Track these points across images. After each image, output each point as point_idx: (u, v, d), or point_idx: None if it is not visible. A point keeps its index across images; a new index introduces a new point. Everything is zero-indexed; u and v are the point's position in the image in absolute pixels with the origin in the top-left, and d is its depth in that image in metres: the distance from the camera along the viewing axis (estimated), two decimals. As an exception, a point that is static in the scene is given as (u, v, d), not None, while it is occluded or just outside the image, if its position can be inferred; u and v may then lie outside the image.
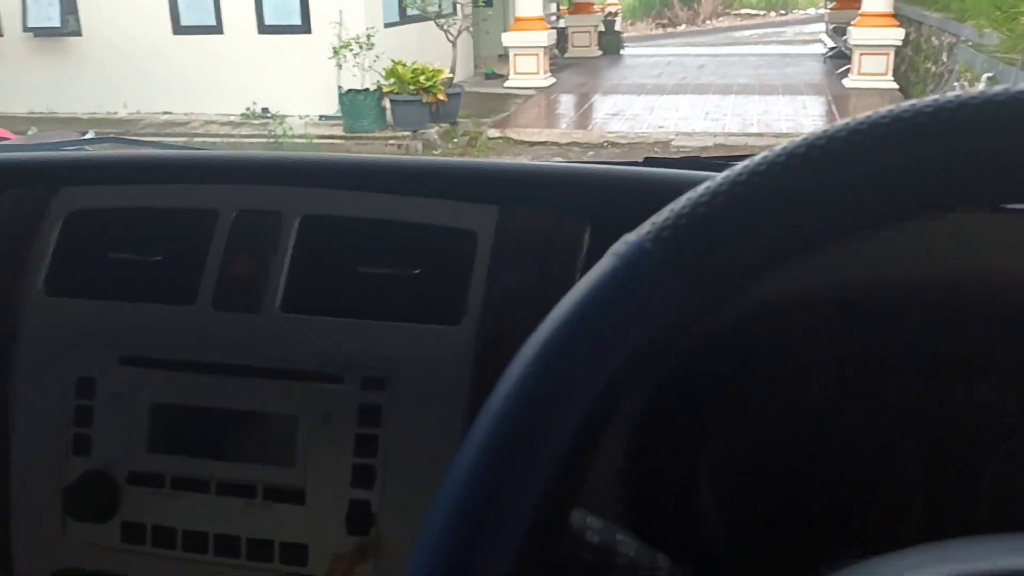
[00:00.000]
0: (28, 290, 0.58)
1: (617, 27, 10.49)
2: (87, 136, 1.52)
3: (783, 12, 18.22)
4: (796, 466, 0.59)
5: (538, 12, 7.78)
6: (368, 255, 0.55)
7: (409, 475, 0.51)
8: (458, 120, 6.40)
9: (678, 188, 0.26)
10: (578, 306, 0.32)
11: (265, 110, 6.65)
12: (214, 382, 0.54)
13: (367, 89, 6.17)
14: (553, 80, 7.99)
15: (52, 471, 0.56)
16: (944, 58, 6.32)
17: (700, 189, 0.25)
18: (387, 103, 6.21)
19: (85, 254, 0.59)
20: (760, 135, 5.86)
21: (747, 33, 15.14)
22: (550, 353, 0.31)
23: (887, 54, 6.99)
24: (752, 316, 0.53)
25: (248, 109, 6.77)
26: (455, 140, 6.25)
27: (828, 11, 10.53)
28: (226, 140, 6.25)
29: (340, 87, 6.31)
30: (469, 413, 0.51)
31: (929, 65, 6.84)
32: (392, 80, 6.08)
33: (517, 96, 7.44)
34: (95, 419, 0.56)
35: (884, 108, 0.23)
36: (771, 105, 6.77)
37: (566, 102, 7.45)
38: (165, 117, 7.00)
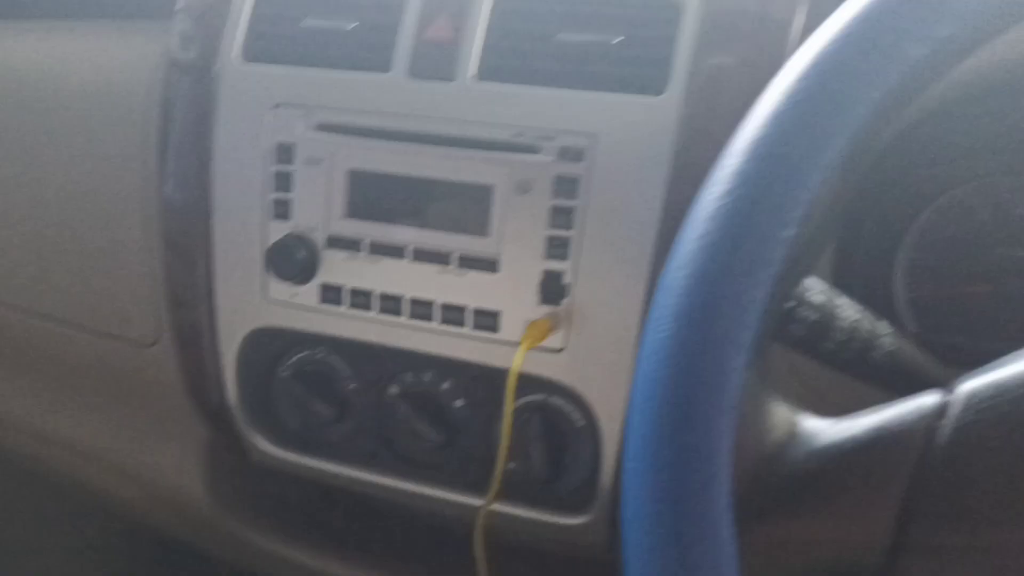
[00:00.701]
0: (225, 56, 0.59)
1: None
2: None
3: None
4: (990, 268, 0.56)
5: None
6: (568, 22, 0.53)
7: (604, 247, 0.51)
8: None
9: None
10: (858, 11, 0.30)
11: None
12: (409, 150, 0.55)
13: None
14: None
15: (254, 234, 0.59)
16: None
17: None
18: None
19: (281, 20, 0.59)
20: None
21: None
22: (819, 70, 0.29)
23: None
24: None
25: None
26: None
27: None
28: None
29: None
30: (670, 186, 0.50)
31: None
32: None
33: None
34: (294, 184, 0.57)
35: None
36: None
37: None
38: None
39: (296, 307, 0.59)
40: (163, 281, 0.64)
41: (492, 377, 0.56)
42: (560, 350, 0.53)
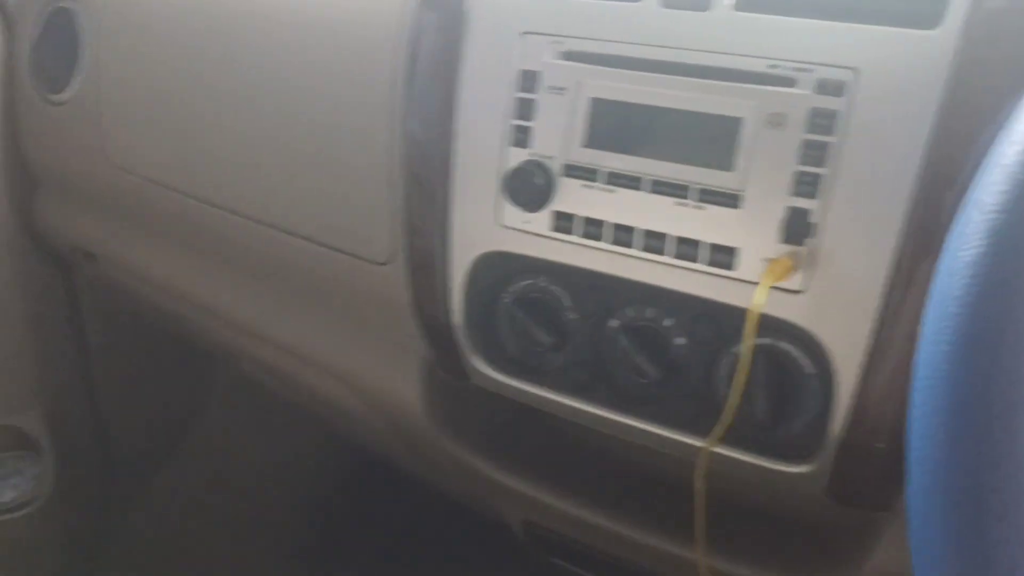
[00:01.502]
0: None
1: None
2: None
3: None
4: None
5: None
6: None
7: (858, 188, 0.49)
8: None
9: None
10: None
11: None
12: (657, 80, 0.54)
13: None
14: None
15: (492, 161, 0.60)
16: None
17: None
18: None
19: None
20: None
21: None
22: None
23: None
24: None
25: None
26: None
27: None
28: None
29: None
30: (936, 126, 0.47)
31: None
32: None
33: None
34: (536, 112, 0.58)
35: None
36: None
37: None
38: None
39: (527, 233, 0.60)
40: (401, 209, 0.66)
41: (718, 315, 0.55)
42: (799, 292, 0.51)
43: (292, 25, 0.72)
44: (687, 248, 0.54)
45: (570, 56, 0.57)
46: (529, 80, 0.58)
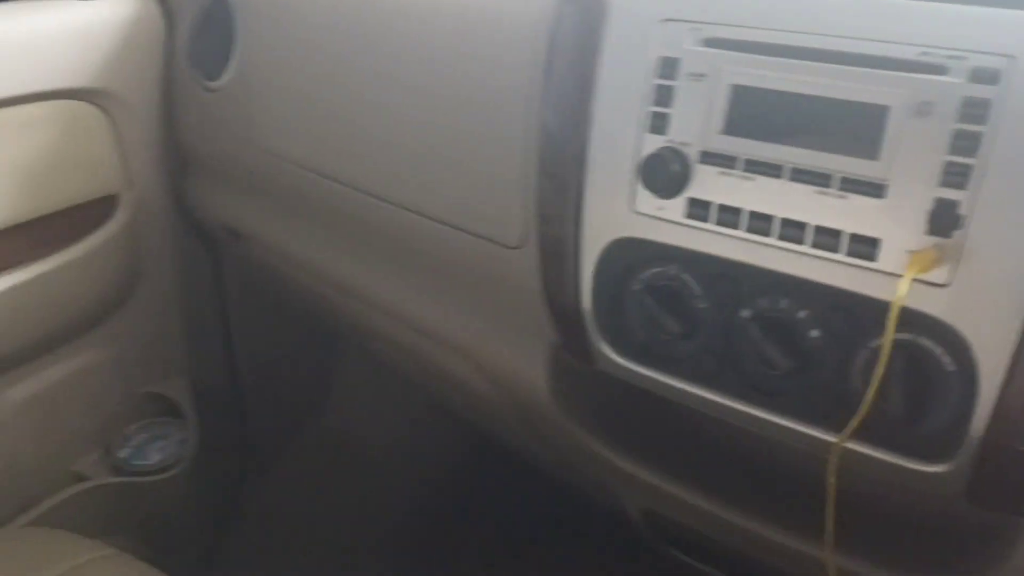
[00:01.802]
0: None
1: None
2: None
3: None
4: None
5: None
6: None
7: (1010, 179, 0.47)
8: None
9: None
10: None
11: None
12: (800, 67, 0.54)
13: None
14: None
15: (628, 147, 0.61)
16: None
17: None
18: None
19: None
20: None
21: None
22: None
23: None
24: None
25: None
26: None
27: None
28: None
29: None
30: None
31: None
32: None
33: None
34: (674, 98, 0.58)
35: None
36: None
37: None
38: None
39: (661, 220, 0.60)
40: (533, 196, 0.68)
41: (856, 307, 0.54)
42: (943, 285, 0.50)
43: (434, 16, 0.75)
44: (826, 238, 0.54)
45: (711, 43, 0.57)
46: (668, 67, 0.58)
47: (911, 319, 0.51)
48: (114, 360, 1.15)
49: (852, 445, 0.56)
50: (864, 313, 0.54)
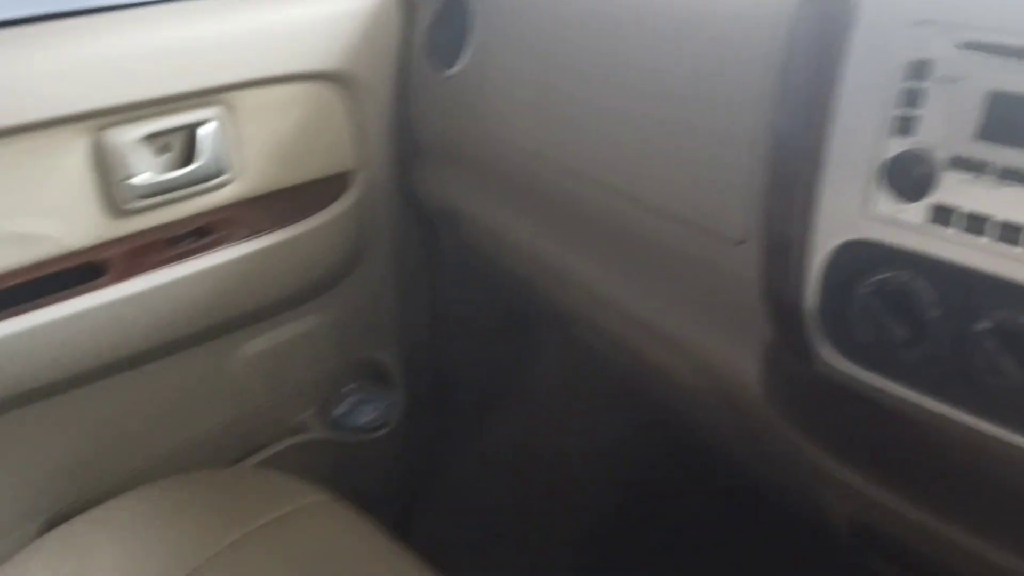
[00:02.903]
0: None
1: None
2: None
3: None
4: None
5: None
6: None
7: None
8: None
9: None
10: None
11: None
12: None
13: None
14: None
15: (868, 149, 0.60)
16: None
17: None
18: None
19: None
20: None
21: None
22: None
23: None
24: None
25: None
26: None
27: None
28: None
29: None
30: None
31: None
32: None
33: None
34: (924, 101, 0.57)
35: None
36: None
37: None
38: None
39: (899, 224, 0.59)
40: (761, 197, 0.68)
41: None
42: None
43: (670, 12, 0.76)
44: None
45: (969, 46, 0.56)
46: (919, 69, 0.58)
47: None
48: (335, 326, 1.24)
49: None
50: None
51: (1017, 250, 0.54)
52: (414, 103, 1.11)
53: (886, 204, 0.60)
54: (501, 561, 1.36)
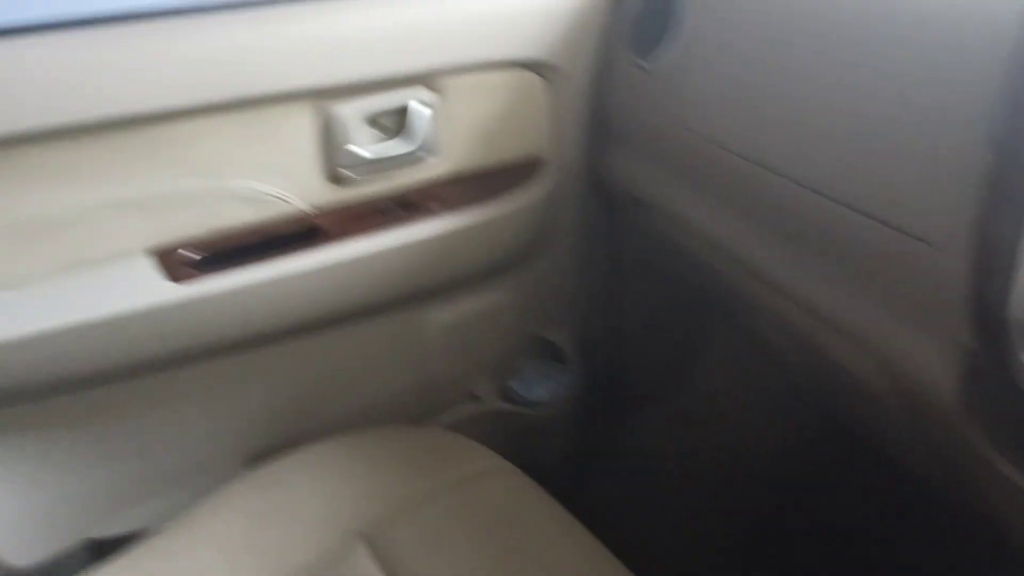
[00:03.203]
0: None
1: None
2: None
3: None
4: None
5: None
6: None
7: None
8: None
9: None
10: None
11: None
12: None
13: None
14: None
15: None
16: None
17: None
18: None
19: None
20: None
21: None
22: None
23: None
24: None
25: None
26: None
27: None
28: None
29: None
30: None
31: None
32: None
33: None
34: None
35: None
36: None
37: None
38: None
39: None
40: (972, 204, 0.67)
41: None
42: None
43: (896, 12, 0.76)
44: None
45: None
46: None
47: None
48: (516, 304, 1.30)
49: None
50: None
51: None
52: (611, 93, 1.14)
53: None
54: (657, 550, 1.39)
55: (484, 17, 1.05)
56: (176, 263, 0.97)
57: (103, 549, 1.11)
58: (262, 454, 1.16)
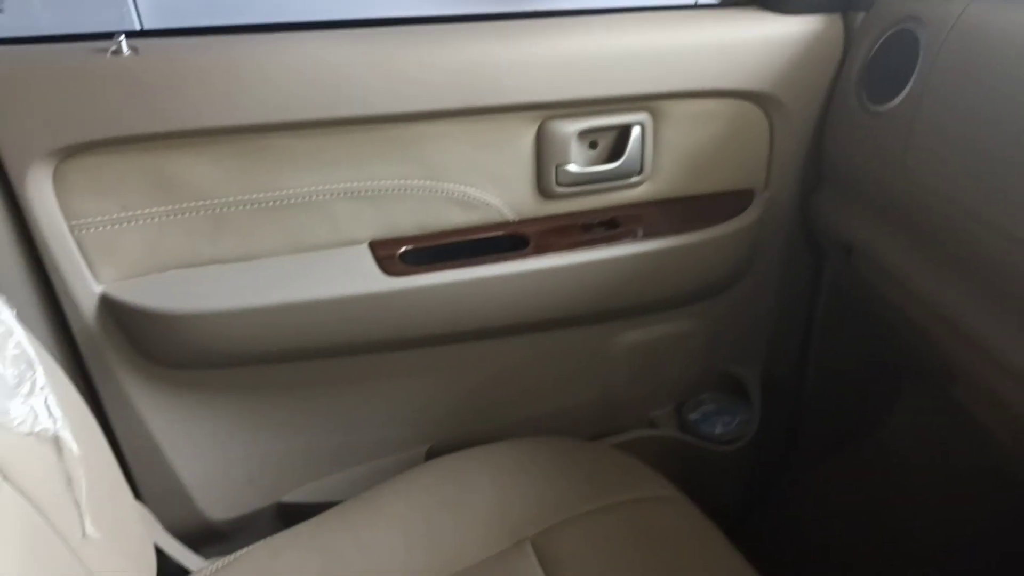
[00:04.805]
0: None
1: None
2: None
3: None
4: None
5: None
6: None
7: None
8: None
9: None
10: None
11: None
12: None
13: None
14: None
15: None
16: None
17: None
18: None
19: None
20: None
21: None
22: None
23: None
24: None
25: None
26: None
27: None
28: None
29: None
30: None
31: None
32: None
33: None
34: None
35: None
36: None
37: None
38: None
39: None
40: None
41: None
42: None
43: None
44: None
45: None
46: None
47: None
48: (706, 333, 1.28)
49: None
50: None
51: None
52: (833, 133, 1.11)
53: None
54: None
55: (712, 46, 1.05)
56: (389, 256, 1.04)
57: (291, 514, 1.19)
58: (441, 445, 1.21)
